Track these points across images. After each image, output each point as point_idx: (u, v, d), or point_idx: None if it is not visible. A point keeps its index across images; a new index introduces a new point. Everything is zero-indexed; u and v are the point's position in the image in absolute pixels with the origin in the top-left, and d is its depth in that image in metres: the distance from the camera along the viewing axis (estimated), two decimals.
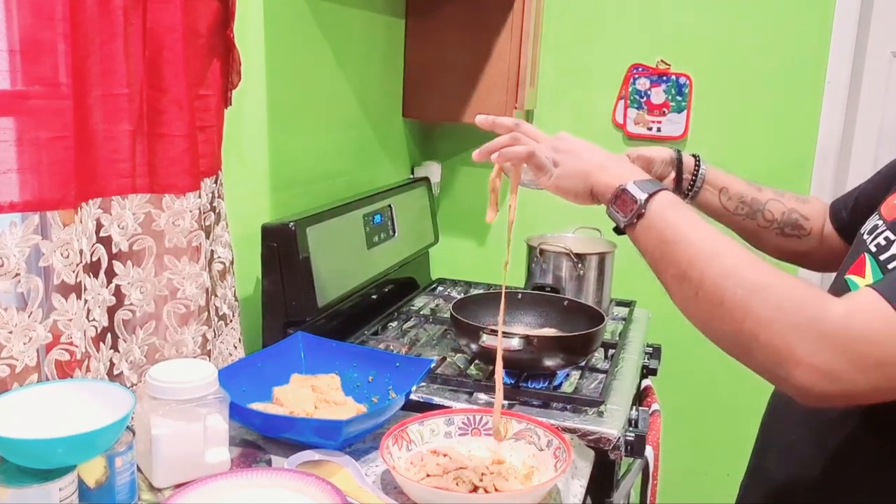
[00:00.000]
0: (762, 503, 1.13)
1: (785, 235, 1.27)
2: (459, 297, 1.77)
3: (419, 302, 1.96)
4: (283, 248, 1.46)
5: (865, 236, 1.01)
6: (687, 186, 1.28)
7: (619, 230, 0.95)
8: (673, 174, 1.28)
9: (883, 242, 0.95)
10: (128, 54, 1.11)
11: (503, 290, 1.05)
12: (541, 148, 1.02)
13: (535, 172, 1.03)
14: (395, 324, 1.77)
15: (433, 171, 2.39)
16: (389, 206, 1.87)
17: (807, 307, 0.77)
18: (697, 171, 1.27)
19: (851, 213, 1.20)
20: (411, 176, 2.34)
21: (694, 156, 1.29)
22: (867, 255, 0.97)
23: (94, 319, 1.09)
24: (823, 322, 0.76)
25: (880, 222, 1.00)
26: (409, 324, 1.79)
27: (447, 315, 1.56)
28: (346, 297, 1.64)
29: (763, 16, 2.16)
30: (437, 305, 1.95)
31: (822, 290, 0.81)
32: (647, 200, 0.91)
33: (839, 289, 1.01)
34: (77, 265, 1.03)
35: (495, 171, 1.06)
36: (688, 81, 2.24)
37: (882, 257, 0.94)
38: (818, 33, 2.12)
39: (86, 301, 1.06)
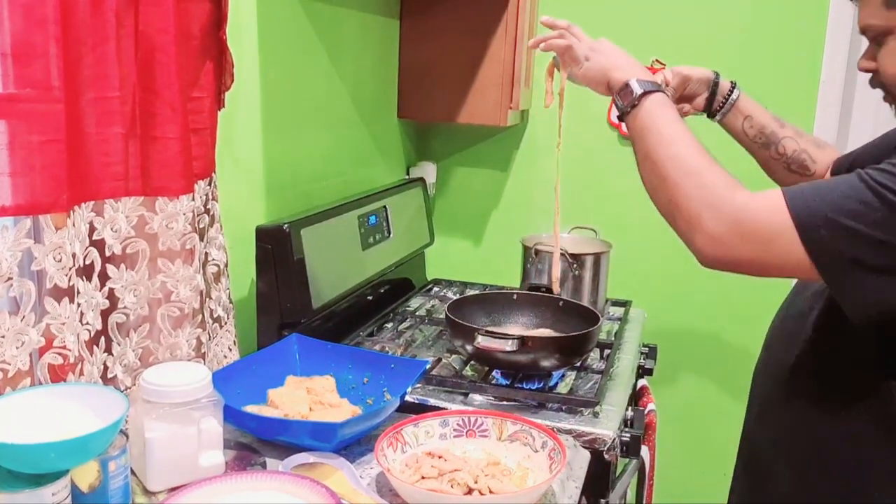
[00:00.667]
0: (745, 461, 1.30)
1: (791, 171, 1.39)
2: (455, 297, 1.77)
3: (415, 303, 1.96)
4: (277, 250, 1.46)
5: None
6: (717, 107, 1.40)
7: (620, 117, 1.16)
8: (706, 94, 1.40)
9: None
10: (120, 57, 1.10)
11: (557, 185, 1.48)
12: (579, 45, 1.24)
13: (570, 63, 1.25)
14: (390, 325, 1.77)
15: (428, 171, 2.38)
16: (384, 207, 1.87)
17: (720, 190, 0.99)
18: (730, 95, 1.39)
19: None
20: (407, 176, 2.33)
21: (731, 82, 1.41)
22: None
23: (87, 323, 1.09)
24: (728, 203, 0.97)
25: None
26: (405, 325, 1.78)
27: (443, 316, 1.56)
28: (341, 298, 1.63)
29: (757, 16, 2.15)
30: (432, 306, 1.95)
31: (741, 183, 1.00)
32: (641, 96, 1.11)
33: None
34: (70, 269, 1.03)
35: (550, 64, 1.33)
36: None
37: None
38: (813, 33, 2.12)
39: (79, 304, 1.06)
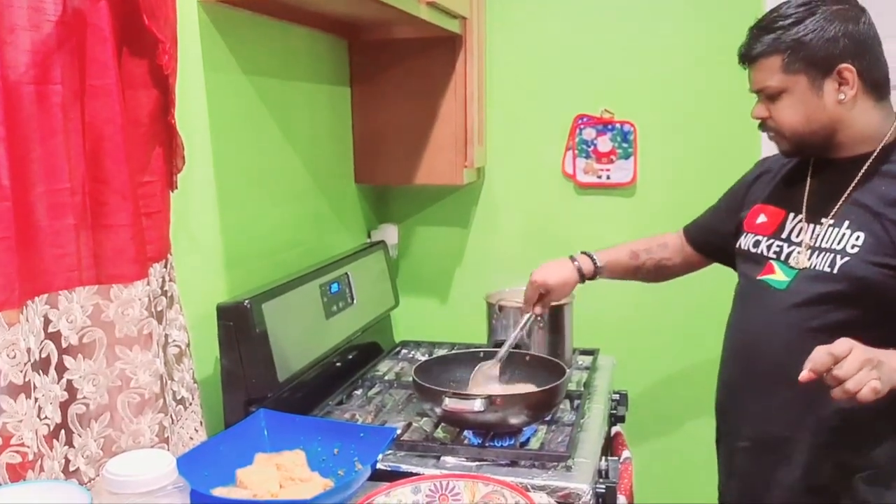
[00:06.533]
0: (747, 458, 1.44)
1: (658, 274, 1.78)
2: (423, 359, 1.77)
3: (383, 367, 1.95)
4: (239, 327, 1.46)
5: (757, 249, 1.45)
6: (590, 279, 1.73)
7: None
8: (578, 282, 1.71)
9: (777, 249, 1.41)
10: (68, 149, 1.11)
11: None
12: (872, 379, 1.09)
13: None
14: (359, 391, 1.76)
15: (390, 233, 2.40)
16: (346, 273, 1.87)
17: None
18: (596, 268, 1.71)
19: (710, 238, 1.68)
20: (368, 240, 2.35)
21: (586, 253, 1.72)
22: (773, 262, 1.41)
23: (46, 417, 1.07)
24: None
25: (761, 237, 1.45)
26: (374, 390, 1.78)
27: (411, 379, 1.56)
28: (307, 368, 1.63)
29: (698, 62, 2.22)
30: (401, 369, 1.94)
31: None
32: None
33: (761, 287, 1.41)
34: (25, 364, 1.01)
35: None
36: (632, 129, 2.30)
37: (783, 258, 1.39)
38: None
39: (36, 399, 1.04)
